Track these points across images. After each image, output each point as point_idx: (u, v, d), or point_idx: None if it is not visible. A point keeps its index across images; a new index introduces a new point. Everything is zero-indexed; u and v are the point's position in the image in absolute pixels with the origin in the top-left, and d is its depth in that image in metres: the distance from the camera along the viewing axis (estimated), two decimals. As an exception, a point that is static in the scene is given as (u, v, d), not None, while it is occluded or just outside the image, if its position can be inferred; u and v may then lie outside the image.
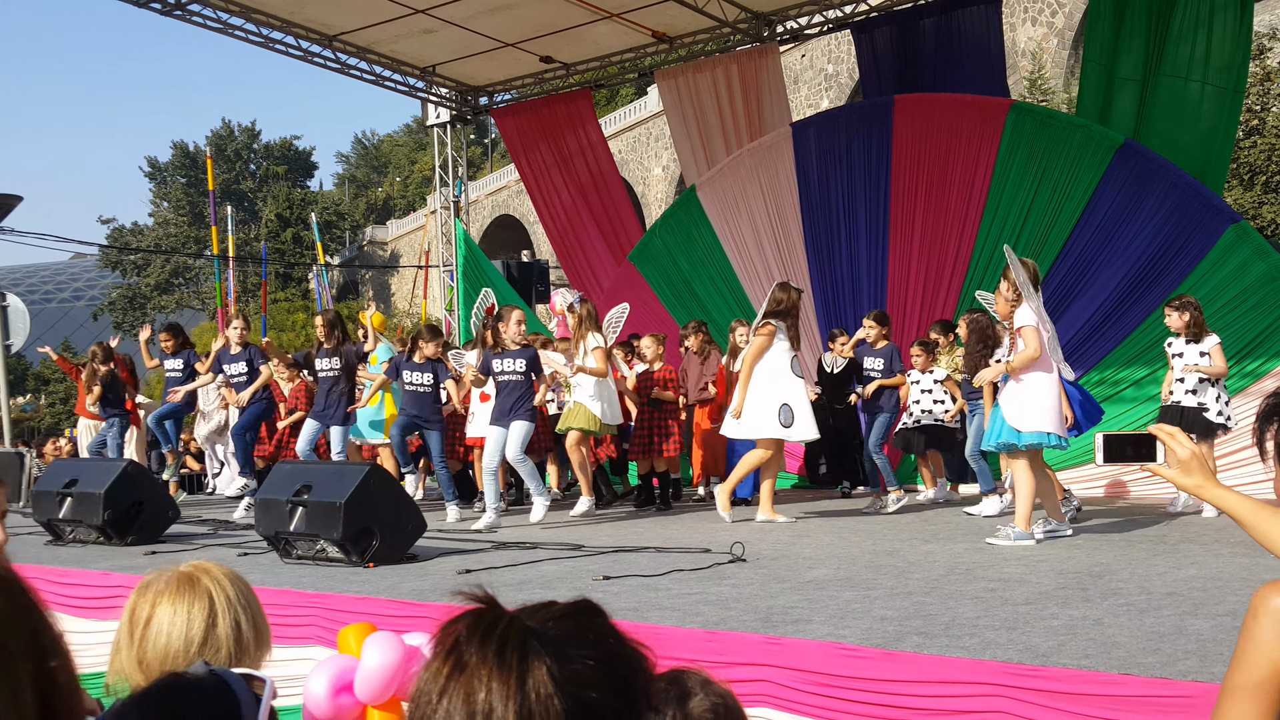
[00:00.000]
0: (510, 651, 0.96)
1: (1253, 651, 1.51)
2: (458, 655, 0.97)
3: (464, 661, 0.97)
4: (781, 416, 7.58)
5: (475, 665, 0.96)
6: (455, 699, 0.95)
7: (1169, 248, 9.25)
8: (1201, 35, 10.03)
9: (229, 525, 8.57)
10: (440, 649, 0.99)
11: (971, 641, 3.60)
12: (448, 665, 0.97)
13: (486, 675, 0.96)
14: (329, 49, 13.39)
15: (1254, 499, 1.93)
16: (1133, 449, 2.12)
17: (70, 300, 77.33)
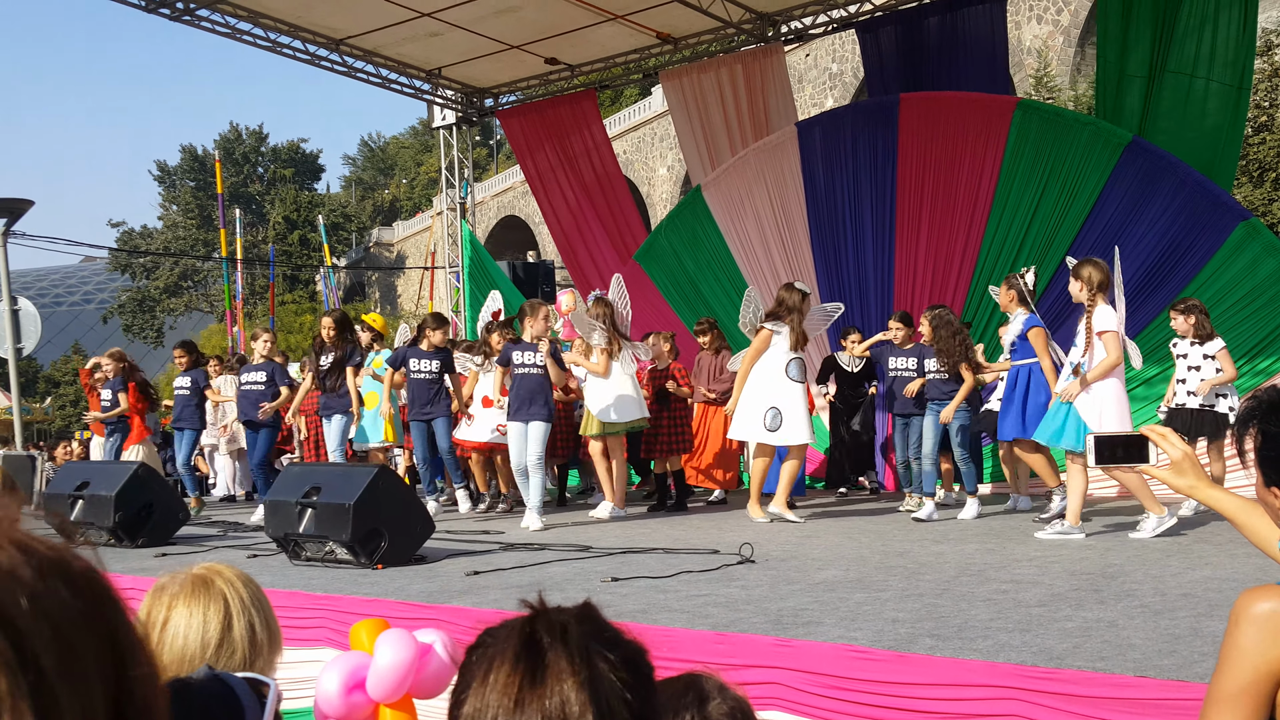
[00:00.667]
0: (581, 656, 0.94)
1: (1235, 658, 1.50)
2: (531, 664, 0.93)
3: (541, 669, 0.93)
4: (767, 420, 7.53)
5: (554, 672, 0.92)
6: (532, 710, 0.91)
7: (1178, 245, 9.21)
8: (1207, 32, 9.99)
9: (239, 527, 8.58)
10: (505, 659, 0.95)
11: (985, 644, 3.58)
12: (517, 675, 0.93)
13: (567, 682, 0.93)
14: (336, 52, 13.40)
15: (1245, 499, 1.93)
16: (1124, 450, 2.10)
17: (80, 304, 77.60)
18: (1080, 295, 6.44)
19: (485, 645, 0.99)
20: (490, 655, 0.95)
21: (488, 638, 0.99)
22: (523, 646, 0.94)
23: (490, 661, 0.95)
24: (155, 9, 11.83)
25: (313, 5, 12.14)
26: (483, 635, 1.01)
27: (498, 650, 0.95)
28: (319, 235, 39.73)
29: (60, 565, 0.54)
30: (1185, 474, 1.94)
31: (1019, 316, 7.24)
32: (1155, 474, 2.02)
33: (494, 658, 0.95)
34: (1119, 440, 2.13)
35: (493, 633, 1.00)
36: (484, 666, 0.95)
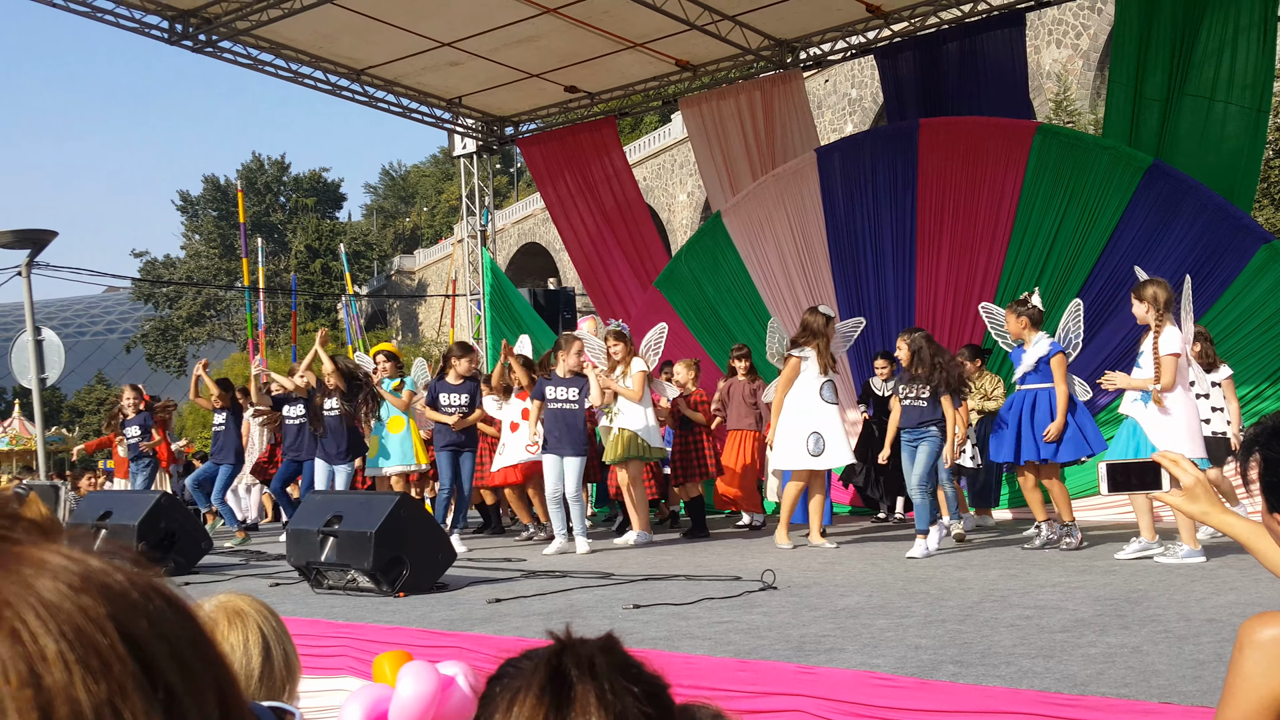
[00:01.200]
0: (607, 689, 0.92)
1: (1240, 685, 1.50)
2: (557, 697, 0.92)
3: (566, 703, 0.91)
4: (810, 445, 7.56)
5: (581, 706, 0.91)
6: None
7: (1200, 269, 9.15)
8: (1226, 55, 9.98)
9: (260, 556, 8.61)
10: (530, 692, 0.93)
11: (1008, 670, 3.56)
12: (542, 707, 0.91)
13: (592, 717, 0.91)
14: (357, 82, 13.56)
15: (1258, 524, 1.92)
16: (1137, 477, 2.10)
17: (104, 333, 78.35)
18: (1146, 316, 6.41)
19: (508, 676, 0.98)
20: (515, 687, 0.94)
21: (510, 668, 0.99)
22: (549, 679, 0.93)
23: (514, 693, 0.93)
24: (178, 41, 12.02)
25: (334, 36, 12.30)
26: (504, 666, 1.00)
27: (523, 682, 0.94)
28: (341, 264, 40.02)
29: (157, 589, 0.55)
30: (1198, 500, 1.94)
31: (1041, 340, 7.16)
32: (1168, 500, 2.02)
33: (519, 689, 0.93)
34: (1132, 467, 2.12)
35: (515, 663, 0.99)
36: (507, 697, 0.94)
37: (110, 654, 0.50)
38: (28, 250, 12.40)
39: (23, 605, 0.50)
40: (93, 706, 0.48)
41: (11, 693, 0.47)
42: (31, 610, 0.50)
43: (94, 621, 0.50)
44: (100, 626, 0.50)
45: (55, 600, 0.50)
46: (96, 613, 0.51)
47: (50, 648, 0.49)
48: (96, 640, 0.50)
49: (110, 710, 0.49)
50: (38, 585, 0.51)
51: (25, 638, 0.49)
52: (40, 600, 0.50)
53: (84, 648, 0.49)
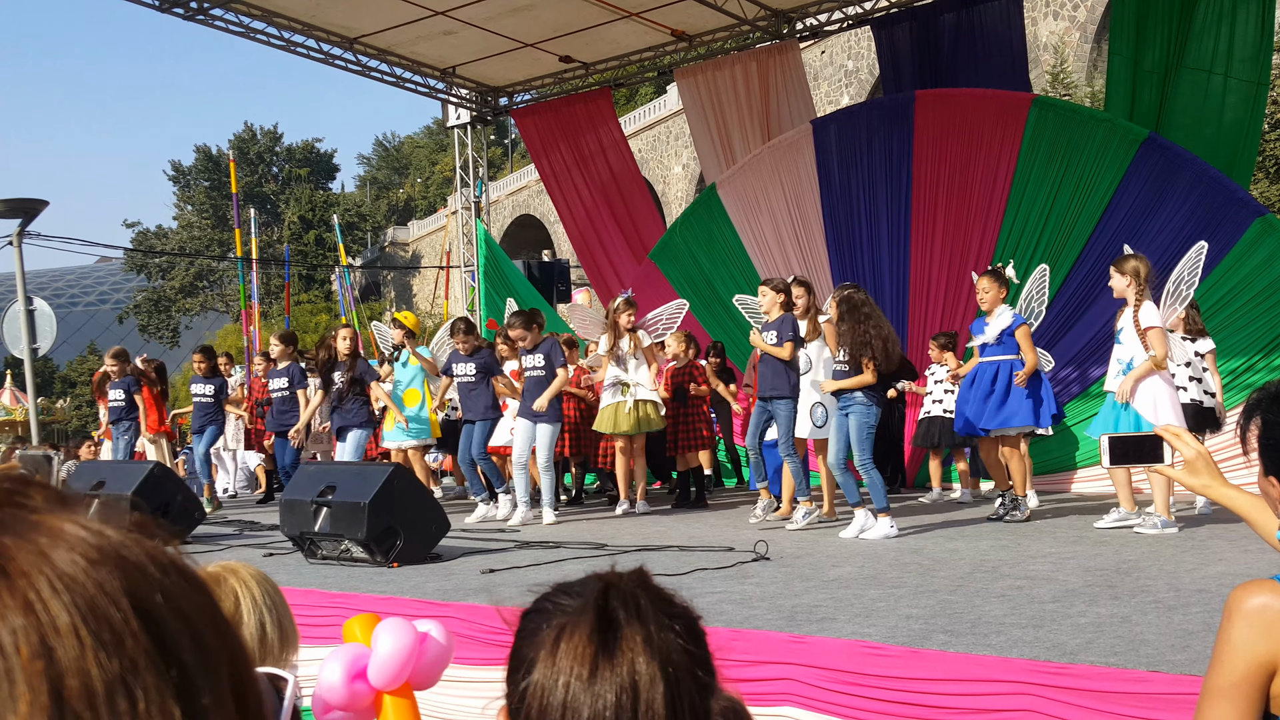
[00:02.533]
0: (652, 626, 0.93)
1: (1228, 653, 1.52)
2: (605, 634, 0.92)
3: (614, 640, 0.92)
4: (816, 417, 7.54)
5: (628, 644, 0.91)
6: (605, 680, 0.90)
7: (1194, 241, 9.13)
8: (1225, 28, 9.93)
9: (255, 526, 8.63)
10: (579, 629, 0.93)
11: (998, 639, 3.58)
12: (592, 645, 0.91)
13: (640, 654, 0.91)
14: (350, 51, 13.45)
15: (1258, 497, 1.94)
16: (1139, 450, 2.11)
17: (96, 304, 78.10)
18: (1125, 290, 6.42)
19: (546, 611, 0.98)
20: (559, 624, 0.94)
21: (547, 603, 0.99)
22: (597, 620, 0.93)
23: (560, 631, 0.94)
24: (169, 8, 11.90)
25: (326, 4, 12.18)
26: (541, 600, 1.00)
27: (568, 620, 0.94)
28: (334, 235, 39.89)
29: (174, 563, 0.55)
30: (1199, 473, 1.95)
31: (1004, 312, 7.12)
32: (1169, 473, 2.03)
33: (564, 627, 0.94)
34: (1133, 441, 2.13)
35: (553, 599, 0.98)
36: (551, 635, 0.94)
37: (124, 628, 0.49)
38: (19, 220, 12.33)
39: (37, 576, 0.49)
40: (104, 681, 0.48)
41: (22, 664, 0.47)
42: (46, 581, 0.49)
43: (108, 595, 0.50)
44: (115, 600, 0.50)
45: (70, 572, 0.50)
46: (112, 586, 0.50)
47: (63, 620, 0.48)
48: (110, 614, 0.49)
49: (122, 685, 0.48)
50: (54, 556, 0.50)
51: (39, 609, 0.48)
52: (55, 571, 0.49)
53: (97, 621, 0.49)
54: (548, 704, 0.91)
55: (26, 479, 0.54)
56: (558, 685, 0.91)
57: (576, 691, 0.90)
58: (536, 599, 1.00)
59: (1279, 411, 1.64)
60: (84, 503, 0.54)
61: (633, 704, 0.89)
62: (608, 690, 0.89)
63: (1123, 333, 6.46)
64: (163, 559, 0.54)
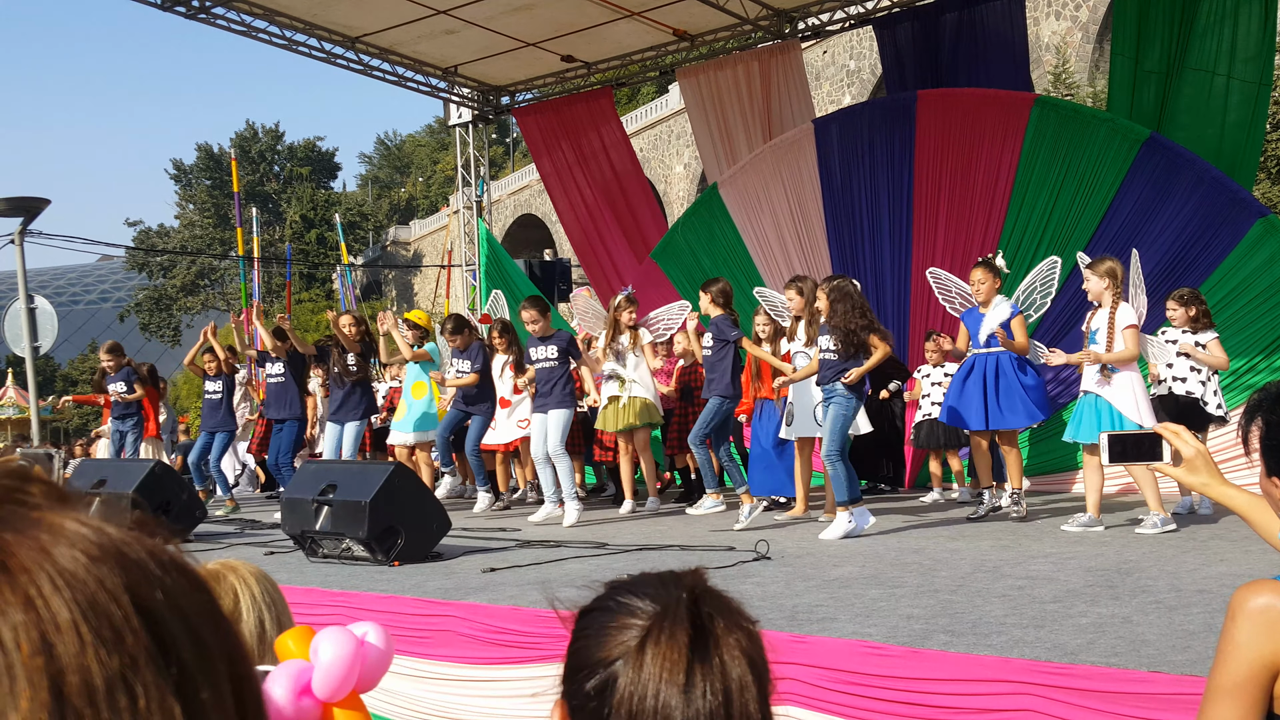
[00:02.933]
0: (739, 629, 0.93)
1: (1231, 653, 1.52)
2: (698, 640, 0.90)
3: (705, 646, 0.90)
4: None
5: (722, 648, 0.90)
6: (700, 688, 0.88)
7: (1196, 242, 9.16)
8: (1227, 28, 9.92)
9: (256, 525, 8.63)
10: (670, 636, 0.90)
11: (999, 639, 3.58)
12: (684, 653, 0.89)
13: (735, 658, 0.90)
14: (351, 50, 13.45)
15: (1257, 496, 1.94)
16: (1138, 448, 2.11)
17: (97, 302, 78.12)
18: (1102, 291, 6.43)
19: (610, 610, 0.95)
20: (644, 627, 0.92)
21: (612, 602, 0.96)
22: (693, 623, 0.91)
23: (646, 634, 0.91)
24: (171, 7, 11.90)
25: (328, 3, 12.18)
26: (602, 600, 0.97)
27: (655, 623, 0.92)
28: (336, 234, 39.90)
29: (175, 561, 0.54)
30: (1198, 471, 1.95)
31: (1001, 304, 7.09)
32: (1168, 471, 2.03)
33: (651, 630, 0.91)
34: (1133, 438, 2.13)
35: (618, 599, 0.96)
36: (637, 638, 0.92)
37: (124, 626, 0.49)
38: (20, 218, 12.33)
39: (38, 572, 0.49)
40: (104, 678, 0.48)
41: (23, 660, 0.47)
42: (47, 577, 0.49)
43: (109, 592, 0.50)
44: (115, 597, 0.50)
45: (71, 568, 0.49)
46: (113, 583, 0.50)
47: (64, 616, 0.48)
48: (111, 611, 0.49)
49: (121, 683, 0.48)
50: (55, 552, 0.50)
51: (39, 605, 0.48)
52: (56, 568, 0.49)
53: (98, 618, 0.49)
54: (638, 711, 0.89)
55: (26, 474, 0.54)
56: (648, 692, 0.88)
57: (669, 698, 0.88)
58: (597, 597, 0.99)
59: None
60: (83, 499, 0.54)
61: (726, 710, 0.88)
62: (700, 697, 0.88)
63: (1099, 332, 6.47)
64: (163, 557, 0.54)
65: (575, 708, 0.93)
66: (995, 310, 7.07)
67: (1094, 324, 6.55)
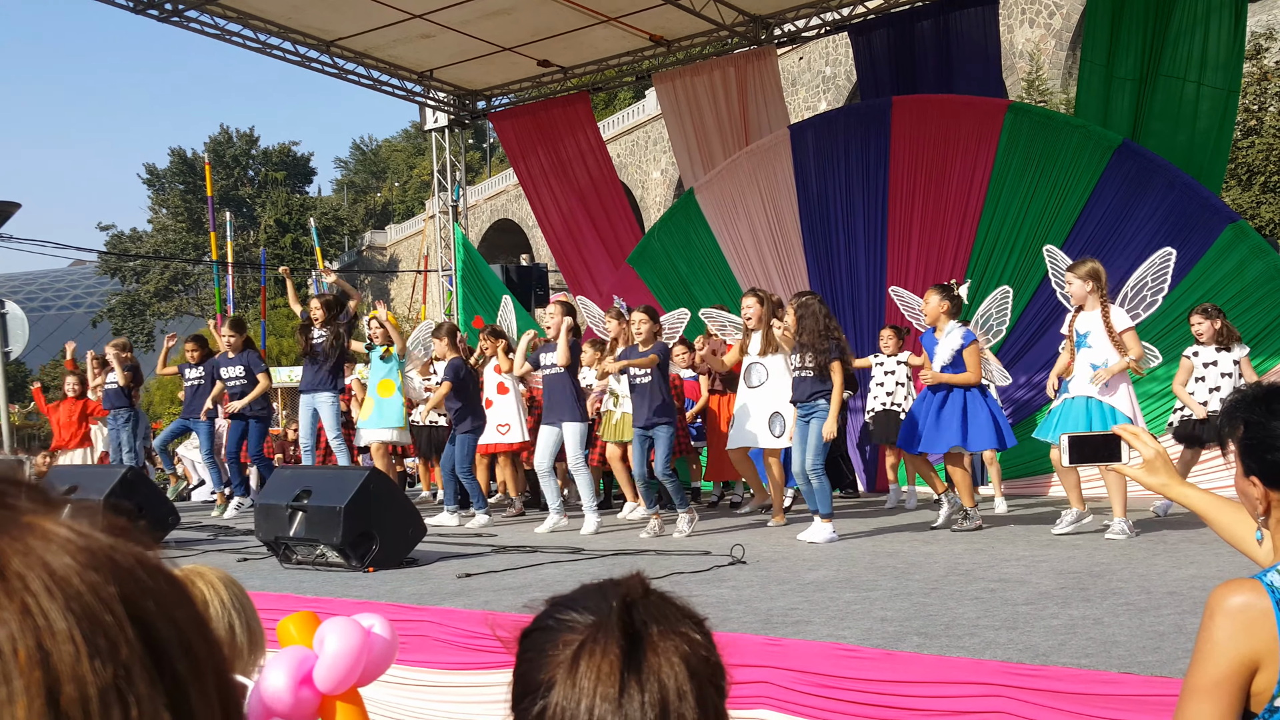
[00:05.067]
0: (676, 636, 0.90)
1: (1209, 652, 1.53)
2: (631, 649, 0.87)
3: (639, 655, 0.87)
4: (773, 427, 7.56)
5: (658, 657, 0.87)
6: (635, 699, 0.85)
7: (1168, 246, 9.24)
8: (1199, 35, 10.03)
9: (229, 531, 8.57)
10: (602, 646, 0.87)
11: (971, 641, 3.60)
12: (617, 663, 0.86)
13: (673, 666, 0.87)
14: (326, 54, 13.40)
15: (1217, 496, 1.97)
16: (1098, 450, 2.13)
17: (69, 307, 77.33)
18: (1086, 293, 6.39)
19: (551, 629, 0.92)
20: (577, 641, 0.89)
21: (550, 621, 0.93)
22: (623, 633, 0.88)
23: (580, 648, 0.88)
24: (144, 10, 11.82)
25: (303, 6, 12.14)
26: (542, 619, 0.95)
27: (588, 636, 0.89)
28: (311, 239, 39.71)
29: (160, 568, 0.54)
30: (1158, 472, 1.98)
31: (954, 330, 7.03)
32: (1128, 472, 2.06)
33: (584, 644, 0.89)
34: (1093, 439, 2.16)
35: (557, 617, 0.93)
36: (570, 654, 0.89)
37: (118, 634, 0.48)
38: (-9, 222, 12.21)
39: (33, 578, 0.48)
40: (98, 687, 0.47)
41: (20, 668, 0.46)
42: (42, 584, 0.48)
43: (103, 600, 0.49)
44: (109, 605, 0.49)
45: (65, 575, 0.49)
46: (106, 592, 0.49)
47: (60, 625, 0.47)
48: (105, 620, 0.48)
49: (115, 693, 0.47)
50: (48, 559, 0.49)
51: (35, 612, 0.47)
52: (50, 574, 0.48)
53: (92, 626, 0.48)
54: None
55: (11, 479, 0.53)
56: (580, 708, 0.86)
57: (602, 713, 0.85)
58: (537, 617, 0.95)
59: (1262, 413, 1.67)
60: (65, 504, 0.54)
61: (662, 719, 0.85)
62: (635, 708, 0.85)
63: (1090, 335, 6.39)
64: (150, 564, 0.53)
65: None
66: (949, 337, 7.02)
67: (1081, 326, 6.45)
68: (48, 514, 0.51)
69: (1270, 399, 1.67)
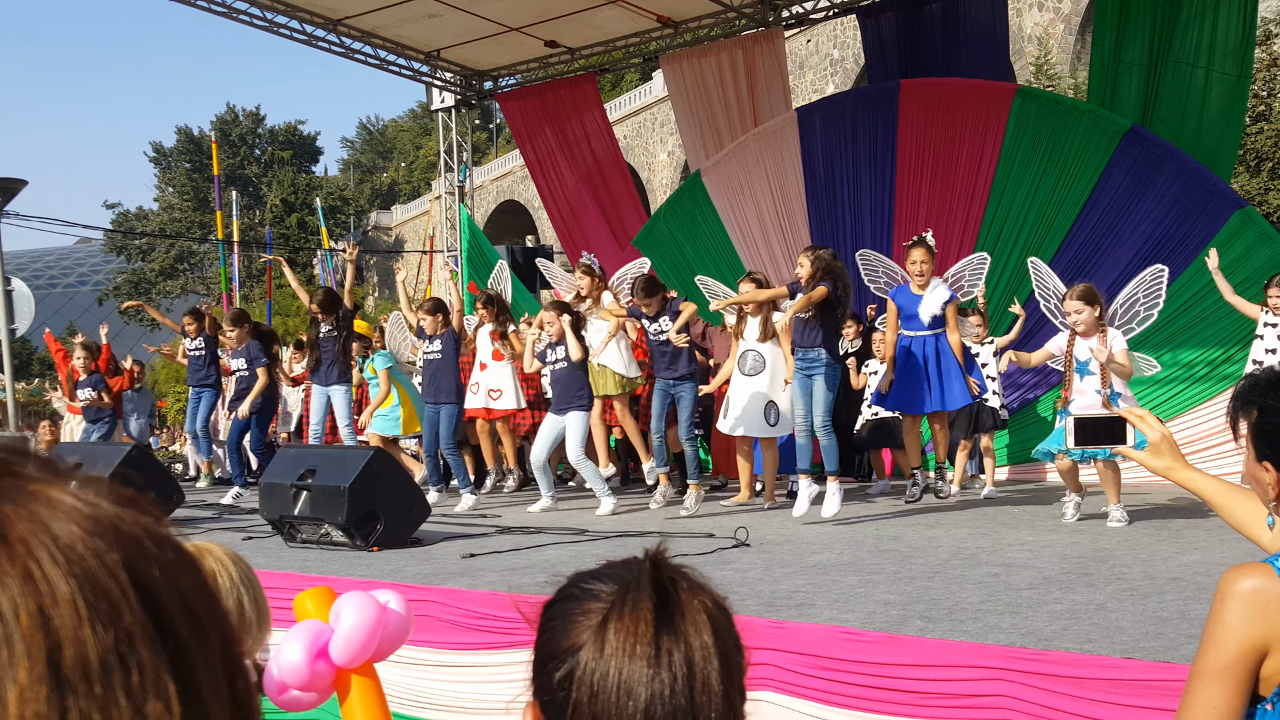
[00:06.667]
0: (705, 600, 0.91)
1: (1220, 635, 1.53)
2: (664, 613, 0.88)
3: (670, 618, 0.88)
4: (768, 416, 7.52)
5: (688, 621, 0.88)
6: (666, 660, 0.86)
7: (1174, 233, 9.22)
8: (1208, 21, 9.96)
9: (233, 510, 8.60)
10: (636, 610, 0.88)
11: (974, 625, 3.61)
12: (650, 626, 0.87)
13: (702, 630, 0.88)
14: (333, 33, 13.35)
15: (1223, 481, 1.97)
16: (1104, 432, 2.13)
17: (75, 285, 77.43)
18: (1092, 319, 6.26)
19: (576, 598, 0.93)
20: (605, 607, 0.90)
21: (576, 589, 0.94)
22: (656, 593, 0.89)
23: (608, 612, 0.89)
24: (153, -12, 11.78)
25: (311, -14, 12.10)
26: (566, 589, 0.95)
27: (618, 600, 0.90)
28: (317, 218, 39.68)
29: (168, 538, 0.54)
30: (1163, 455, 1.98)
31: (939, 286, 7.08)
32: (1133, 455, 2.05)
33: (614, 607, 0.90)
34: (1098, 422, 2.15)
35: (582, 587, 0.94)
36: (598, 618, 0.89)
37: (121, 601, 0.49)
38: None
39: (36, 544, 0.48)
40: (99, 653, 0.47)
41: (22, 632, 0.46)
42: (45, 550, 0.48)
43: (106, 567, 0.49)
44: (113, 572, 0.49)
45: (69, 542, 0.49)
46: (110, 558, 0.49)
47: (62, 589, 0.48)
48: (108, 586, 0.49)
49: (117, 658, 0.48)
50: (53, 525, 0.49)
51: (38, 577, 0.48)
52: (54, 541, 0.49)
53: (95, 592, 0.48)
54: (599, 688, 0.86)
55: (20, 449, 0.53)
56: (610, 667, 0.86)
57: (632, 671, 0.85)
58: (559, 589, 0.96)
59: (1275, 397, 1.66)
60: (73, 474, 0.54)
61: (688, 680, 0.86)
62: (665, 668, 0.86)
63: (1092, 363, 6.29)
64: (157, 534, 0.53)
65: (545, 703, 0.90)
66: (934, 292, 7.05)
67: (1081, 353, 6.33)
68: (54, 483, 0.51)
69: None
